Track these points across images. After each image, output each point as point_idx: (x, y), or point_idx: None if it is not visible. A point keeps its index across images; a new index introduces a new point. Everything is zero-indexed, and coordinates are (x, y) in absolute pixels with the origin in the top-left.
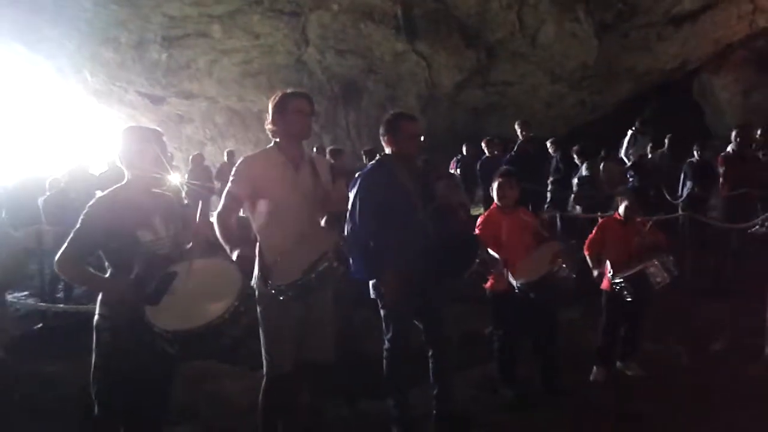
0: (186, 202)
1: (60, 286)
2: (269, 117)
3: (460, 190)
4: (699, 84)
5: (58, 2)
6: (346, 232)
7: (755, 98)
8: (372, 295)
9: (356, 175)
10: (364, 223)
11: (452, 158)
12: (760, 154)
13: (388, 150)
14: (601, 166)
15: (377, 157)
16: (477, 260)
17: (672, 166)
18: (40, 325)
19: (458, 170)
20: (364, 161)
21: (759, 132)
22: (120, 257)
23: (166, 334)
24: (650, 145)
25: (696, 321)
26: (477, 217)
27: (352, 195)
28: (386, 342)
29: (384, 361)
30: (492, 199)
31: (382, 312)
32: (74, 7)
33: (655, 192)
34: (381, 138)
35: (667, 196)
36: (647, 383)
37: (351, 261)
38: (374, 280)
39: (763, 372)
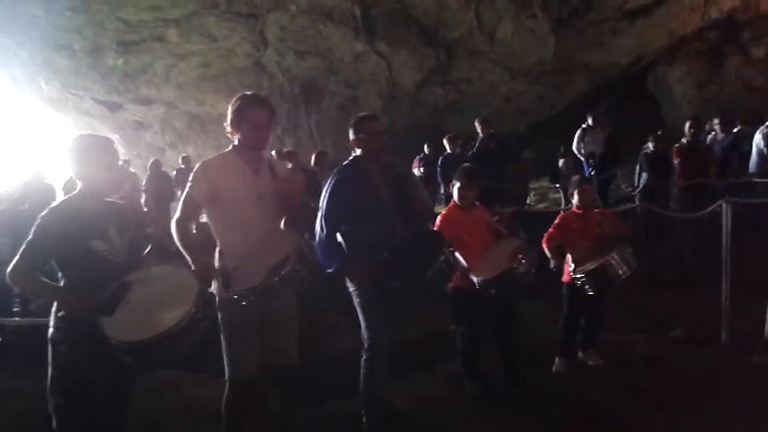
0: (145, 209)
1: (16, 300)
2: (228, 120)
3: (420, 188)
4: (654, 77)
5: (9, 10)
6: (316, 227)
7: (709, 89)
8: (350, 288)
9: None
10: (332, 219)
11: (415, 157)
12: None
13: (357, 152)
14: (561, 162)
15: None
16: (441, 258)
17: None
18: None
19: (421, 169)
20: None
21: (717, 121)
22: (74, 267)
23: (122, 345)
24: (606, 138)
25: (654, 310)
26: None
27: (324, 191)
28: (365, 342)
29: (364, 362)
30: (452, 197)
31: (359, 309)
32: (26, 15)
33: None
34: (350, 140)
35: (623, 188)
36: (608, 372)
37: (320, 255)
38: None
39: (721, 358)
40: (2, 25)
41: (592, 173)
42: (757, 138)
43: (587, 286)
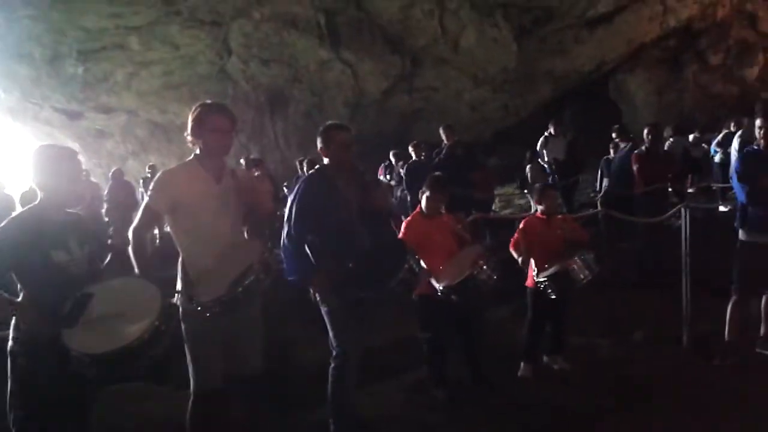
0: (106, 219)
1: None
2: (188, 129)
3: (389, 196)
4: (615, 84)
5: None
6: (282, 235)
7: (668, 96)
8: (316, 297)
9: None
10: (299, 228)
11: (380, 164)
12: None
13: (325, 160)
14: (527, 168)
15: (316, 166)
16: (405, 266)
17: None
18: None
19: (387, 176)
20: (304, 171)
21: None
22: (33, 279)
23: (84, 358)
24: (567, 144)
25: (617, 313)
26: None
27: (290, 200)
28: (333, 350)
29: (332, 370)
30: (418, 205)
31: (326, 318)
32: None
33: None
34: (318, 149)
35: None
36: (573, 376)
37: (285, 264)
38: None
39: (683, 359)
40: None
41: (556, 179)
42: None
43: (550, 290)
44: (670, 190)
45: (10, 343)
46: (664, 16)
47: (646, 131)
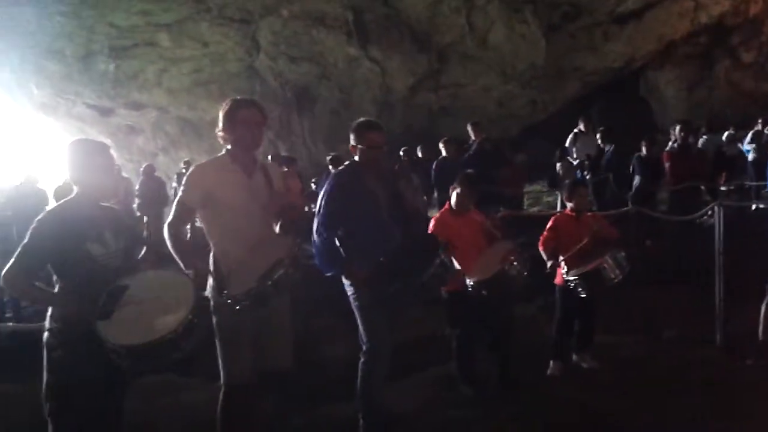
0: (138, 214)
1: (8, 306)
2: (219, 125)
3: (419, 192)
4: (645, 81)
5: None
6: (313, 230)
7: (699, 93)
8: (348, 292)
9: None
10: (329, 223)
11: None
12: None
13: (355, 157)
14: (558, 165)
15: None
16: (436, 262)
17: (620, 162)
18: None
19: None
20: (330, 168)
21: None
22: (70, 271)
23: (119, 349)
24: (598, 141)
25: (648, 312)
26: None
27: (320, 195)
28: (363, 345)
29: (362, 365)
30: (446, 202)
31: (357, 312)
32: (17, 20)
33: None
34: (350, 145)
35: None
36: (603, 375)
37: (317, 259)
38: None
39: (715, 358)
40: None
41: (587, 176)
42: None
43: (580, 289)
44: (702, 188)
45: (45, 334)
46: (695, 12)
47: (677, 128)
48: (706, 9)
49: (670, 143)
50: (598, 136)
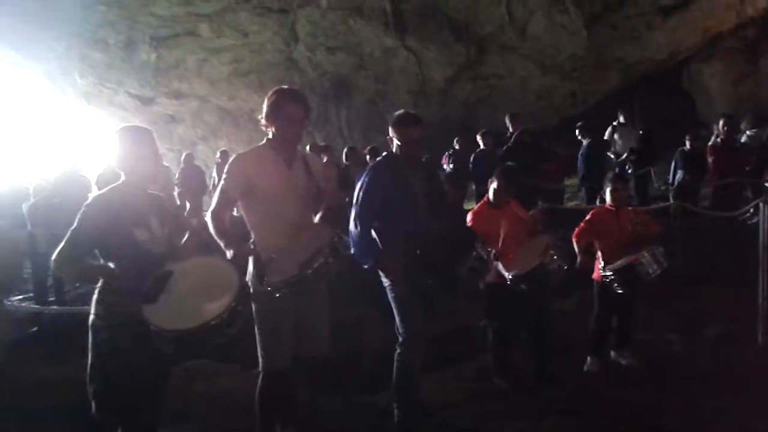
0: (178, 203)
1: (51, 290)
2: (263, 112)
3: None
4: (688, 73)
5: (45, 5)
6: (351, 222)
7: (745, 87)
8: (384, 283)
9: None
10: (366, 214)
11: (444, 153)
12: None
13: (393, 148)
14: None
15: (383, 154)
16: (474, 254)
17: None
18: (35, 328)
19: (450, 165)
20: (368, 159)
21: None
22: (116, 256)
23: (165, 333)
24: (640, 135)
25: (688, 309)
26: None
27: (358, 186)
28: (400, 336)
29: (398, 356)
30: (484, 194)
31: (393, 303)
32: (62, 9)
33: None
34: (388, 137)
35: (655, 184)
36: (641, 372)
37: (354, 250)
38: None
39: (757, 358)
40: (38, 19)
41: (629, 170)
42: None
43: (616, 285)
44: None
45: (91, 317)
46: (742, 4)
47: (721, 123)
48: (753, 2)
49: (713, 137)
50: (576, 132)
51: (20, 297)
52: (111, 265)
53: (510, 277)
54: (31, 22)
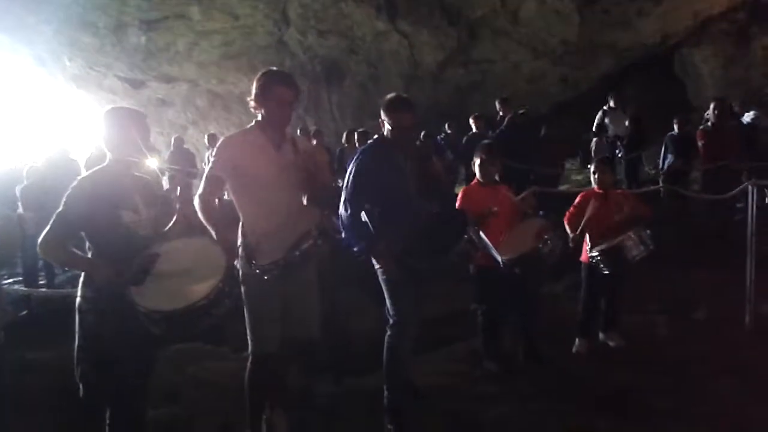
0: (167, 187)
1: (41, 273)
2: (252, 94)
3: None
4: (680, 58)
5: None
6: (340, 205)
7: (735, 71)
8: (375, 266)
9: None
10: (357, 197)
11: (435, 137)
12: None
13: (384, 131)
14: (593, 142)
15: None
16: (465, 237)
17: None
18: (25, 312)
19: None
20: (355, 142)
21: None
22: (103, 238)
23: (153, 315)
24: (630, 119)
25: (678, 291)
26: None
27: (348, 170)
28: (390, 318)
29: (388, 338)
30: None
31: (384, 286)
32: None
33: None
34: (380, 121)
35: (645, 168)
36: (630, 354)
37: (344, 234)
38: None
39: (744, 340)
40: (27, 3)
41: (619, 154)
42: None
43: (602, 265)
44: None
45: (78, 300)
46: None
47: (711, 106)
48: None
49: (703, 121)
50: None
51: (10, 280)
52: (90, 254)
53: (503, 260)
54: (21, 5)
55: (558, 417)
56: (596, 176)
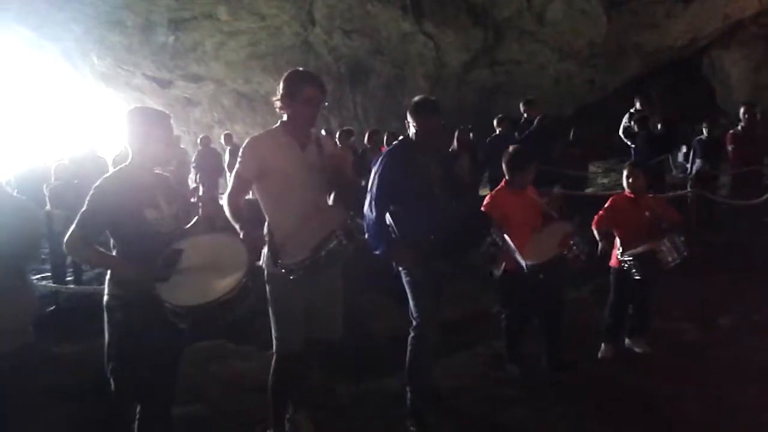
0: (195, 184)
1: (69, 270)
2: (279, 94)
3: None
4: (709, 61)
5: None
6: (365, 208)
7: (765, 74)
8: (399, 268)
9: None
10: (382, 198)
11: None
12: None
13: (410, 132)
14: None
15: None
16: (488, 239)
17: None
18: (53, 307)
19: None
20: (385, 143)
21: None
22: (127, 236)
23: (179, 310)
24: (659, 122)
25: (705, 297)
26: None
27: (373, 171)
28: (414, 320)
29: (411, 339)
30: (498, 180)
31: (408, 288)
32: None
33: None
34: (406, 122)
35: (673, 171)
36: (655, 360)
37: (368, 236)
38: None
39: None
40: (56, 1)
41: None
42: None
43: (634, 270)
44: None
45: (105, 297)
46: None
47: (741, 110)
48: None
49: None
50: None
51: (39, 276)
52: (114, 252)
53: (528, 265)
54: (50, 3)
55: (578, 423)
56: (629, 180)
